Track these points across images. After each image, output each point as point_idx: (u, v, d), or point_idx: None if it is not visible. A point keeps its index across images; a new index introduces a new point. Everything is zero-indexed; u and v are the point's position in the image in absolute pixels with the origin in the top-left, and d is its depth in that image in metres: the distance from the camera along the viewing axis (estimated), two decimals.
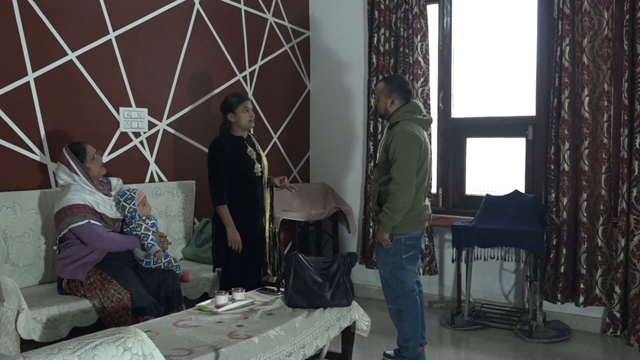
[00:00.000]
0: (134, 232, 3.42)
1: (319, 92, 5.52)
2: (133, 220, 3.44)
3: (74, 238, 3.29)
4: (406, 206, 3.28)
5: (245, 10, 4.90)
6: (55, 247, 3.38)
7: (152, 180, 4.24)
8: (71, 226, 3.22)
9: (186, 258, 4.29)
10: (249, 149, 3.83)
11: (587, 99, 4.05)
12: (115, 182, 3.60)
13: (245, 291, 3.21)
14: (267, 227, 3.93)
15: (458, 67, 4.89)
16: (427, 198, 3.50)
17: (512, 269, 4.54)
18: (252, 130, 3.92)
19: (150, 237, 3.43)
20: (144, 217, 3.47)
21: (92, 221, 3.26)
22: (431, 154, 3.54)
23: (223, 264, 3.84)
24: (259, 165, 3.83)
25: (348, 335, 3.37)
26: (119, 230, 3.47)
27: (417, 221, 3.39)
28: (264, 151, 4.02)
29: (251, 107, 3.84)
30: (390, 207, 3.27)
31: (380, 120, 4.91)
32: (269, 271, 3.93)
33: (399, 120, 3.38)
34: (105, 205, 3.40)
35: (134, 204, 3.44)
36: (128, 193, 3.47)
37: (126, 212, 3.44)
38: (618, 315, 4.00)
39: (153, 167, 4.24)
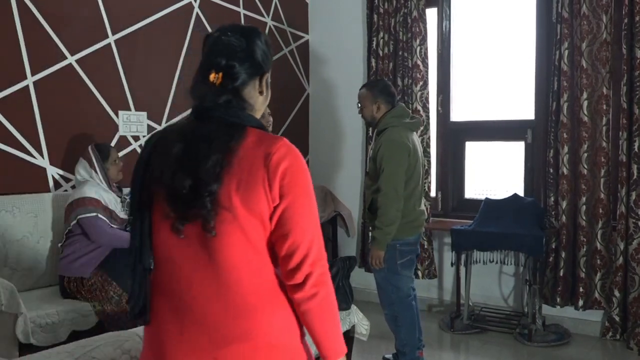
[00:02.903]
0: None
1: (318, 96, 5.52)
2: None
3: (79, 233, 3.32)
4: (397, 217, 3.20)
5: (244, 14, 4.91)
6: (60, 245, 3.39)
7: None
8: (79, 217, 3.26)
9: None
10: None
11: (586, 103, 4.05)
12: (128, 191, 3.64)
13: None
14: None
15: (457, 70, 4.89)
16: (422, 202, 3.44)
17: (512, 273, 4.54)
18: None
19: None
20: None
21: (100, 215, 3.30)
22: (424, 157, 3.47)
23: None
24: None
25: (347, 339, 3.35)
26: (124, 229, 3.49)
27: (412, 227, 3.33)
28: None
29: (267, 112, 3.83)
30: (382, 220, 3.20)
31: None
32: None
33: (387, 127, 3.31)
34: (117, 205, 3.46)
35: None
36: None
37: None
38: (617, 318, 4.00)
39: None
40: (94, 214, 3.28)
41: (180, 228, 1.30)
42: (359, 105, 3.44)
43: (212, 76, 1.39)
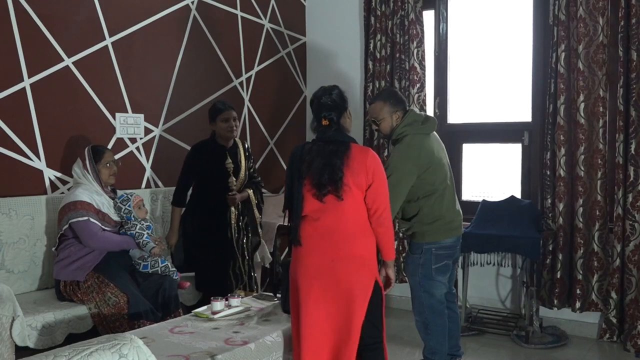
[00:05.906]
0: (129, 232, 3.44)
1: None
2: (128, 222, 3.46)
3: (72, 237, 3.31)
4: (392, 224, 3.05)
5: (241, 16, 4.91)
6: (54, 249, 3.38)
7: (148, 186, 4.24)
8: (71, 221, 3.25)
9: None
10: (228, 160, 3.78)
11: (582, 105, 4.06)
12: (121, 193, 3.64)
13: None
14: (235, 239, 3.83)
15: (454, 73, 4.90)
16: (456, 203, 3.28)
17: (509, 275, 4.54)
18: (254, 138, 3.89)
19: (145, 235, 3.45)
20: (139, 219, 3.49)
21: (91, 219, 3.28)
22: (447, 157, 3.27)
23: (194, 268, 3.86)
24: (234, 179, 3.78)
25: None
26: (117, 232, 3.48)
27: (448, 229, 3.16)
28: (253, 160, 4.01)
29: (234, 117, 3.79)
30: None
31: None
32: (240, 285, 3.84)
33: (402, 136, 3.15)
34: (110, 209, 3.45)
35: (129, 205, 3.48)
36: (125, 195, 3.53)
37: (122, 213, 3.47)
38: (614, 320, 4.00)
39: (149, 173, 4.24)
40: (85, 217, 3.27)
41: (323, 198, 2.59)
42: (375, 120, 3.21)
43: (324, 122, 2.69)
